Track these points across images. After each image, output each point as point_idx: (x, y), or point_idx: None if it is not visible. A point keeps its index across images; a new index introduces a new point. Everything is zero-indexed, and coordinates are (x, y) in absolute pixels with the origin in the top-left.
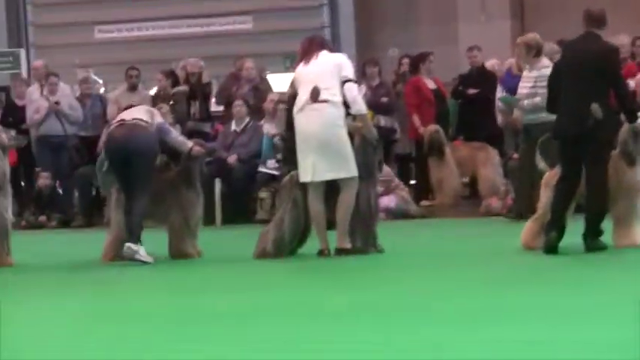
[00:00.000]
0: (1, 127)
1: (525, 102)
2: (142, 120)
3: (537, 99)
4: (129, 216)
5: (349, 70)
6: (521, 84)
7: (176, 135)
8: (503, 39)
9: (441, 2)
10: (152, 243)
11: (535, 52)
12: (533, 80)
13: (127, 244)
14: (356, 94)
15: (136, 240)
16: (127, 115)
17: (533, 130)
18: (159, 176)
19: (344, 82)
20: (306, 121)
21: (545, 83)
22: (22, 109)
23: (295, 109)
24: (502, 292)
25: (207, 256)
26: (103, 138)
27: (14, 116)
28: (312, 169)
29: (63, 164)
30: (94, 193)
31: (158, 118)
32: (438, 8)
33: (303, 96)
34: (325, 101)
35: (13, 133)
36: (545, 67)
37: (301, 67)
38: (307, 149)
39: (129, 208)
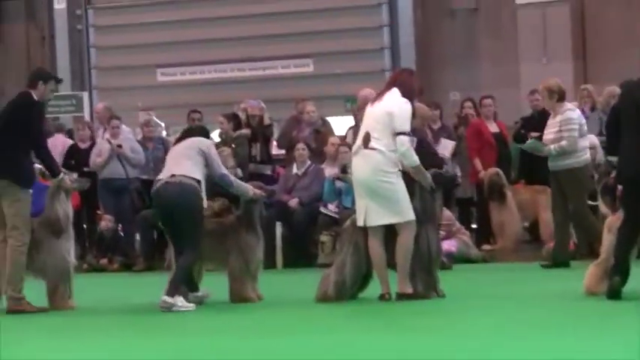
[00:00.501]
0: (64, 170)
1: (552, 147)
2: (186, 177)
3: (564, 142)
4: (175, 268)
5: (401, 122)
6: (546, 130)
7: (238, 184)
8: (565, 81)
9: (501, 44)
10: (212, 286)
11: (558, 97)
12: (558, 125)
13: (163, 298)
14: (405, 149)
15: (173, 292)
16: (176, 168)
17: (560, 175)
18: (219, 220)
19: (397, 134)
20: (358, 165)
21: (569, 126)
22: (85, 151)
23: (352, 151)
24: (563, 338)
25: (268, 299)
26: (153, 190)
27: (77, 159)
28: (364, 213)
29: (125, 207)
30: (155, 236)
31: (216, 163)
32: (498, 50)
33: (358, 140)
34: (373, 149)
35: (75, 175)
36: (570, 110)
37: (369, 107)
38: (360, 193)
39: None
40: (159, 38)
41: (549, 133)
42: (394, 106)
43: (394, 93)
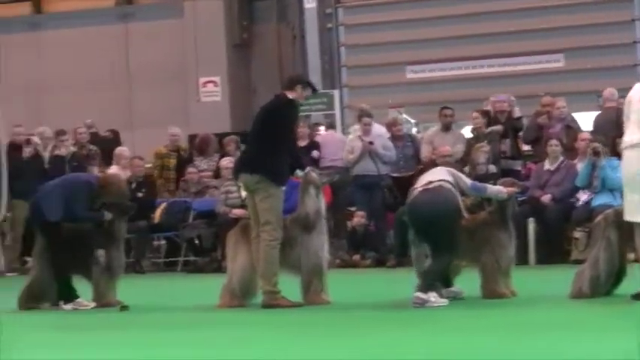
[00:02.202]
0: (311, 167)
1: None
2: (445, 181)
3: None
4: (429, 266)
5: None
6: None
7: (490, 189)
8: None
9: None
10: (466, 283)
11: None
12: None
13: (416, 294)
14: None
15: (426, 288)
16: (432, 177)
17: None
18: (472, 216)
19: None
20: (631, 158)
21: None
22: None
23: (623, 145)
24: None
25: (521, 296)
26: (408, 199)
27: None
28: (635, 208)
29: (377, 204)
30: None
31: (462, 181)
32: None
33: (634, 134)
34: None
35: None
36: None
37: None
38: (631, 187)
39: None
40: (408, 36)
41: None
42: None
43: None
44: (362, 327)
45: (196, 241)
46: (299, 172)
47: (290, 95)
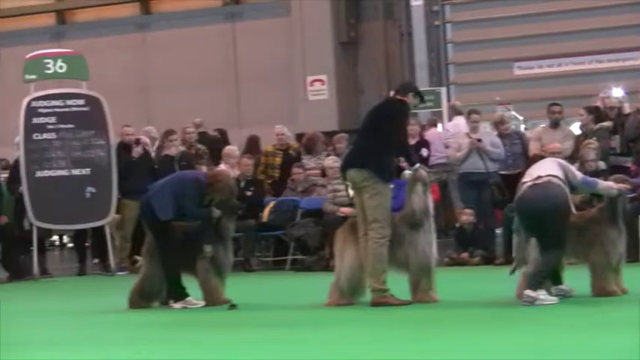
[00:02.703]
0: (419, 164)
1: None
2: (554, 176)
3: None
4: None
5: None
6: None
7: (602, 184)
8: None
9: None
10: (576, 281)
11: None
12: None
13: (525, 292)
14: None
15: (536, 286)
16: (541, 171)
17: None
18: (581, 213)
19: None
20: None
21: None
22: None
23: None
24: None
25: (632, 293)
26: (517, 194)
27: None
28: None
29: (485, 201)
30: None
31: (572, 174)
32: None
33: None
34: None
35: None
36: None
37: None
38: None
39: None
40: (515, 32)
41: None
42: None
43: None
44: (471, 325)
45: (304, 240)
46: (407, 173)
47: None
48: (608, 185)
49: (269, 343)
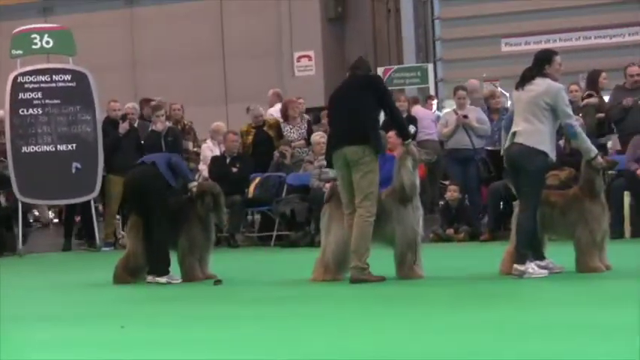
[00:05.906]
0: (411, 141)
1: None
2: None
3: None
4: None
5: None
6: None
7: (582, 138)
8: None
9: None
10: (559, 257)
11: None
12: None
13: (514, 266)
14: None
15: (521, 259)
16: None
17: None
18: (562, 192)
19: None
20: None
21: None
22: None
23: None
24: None
25: (616, 269)
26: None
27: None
28: None
29: (471, 177)
30: (502, 207)
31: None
32: None
33: None
34: None
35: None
36: None
37: None
38: None
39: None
40: (503, 9)
41: None
42: None
43: None
44: (456, 301)
45: (289, 216)
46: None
47: None
48: (588, 146)
49: (254, 318)
